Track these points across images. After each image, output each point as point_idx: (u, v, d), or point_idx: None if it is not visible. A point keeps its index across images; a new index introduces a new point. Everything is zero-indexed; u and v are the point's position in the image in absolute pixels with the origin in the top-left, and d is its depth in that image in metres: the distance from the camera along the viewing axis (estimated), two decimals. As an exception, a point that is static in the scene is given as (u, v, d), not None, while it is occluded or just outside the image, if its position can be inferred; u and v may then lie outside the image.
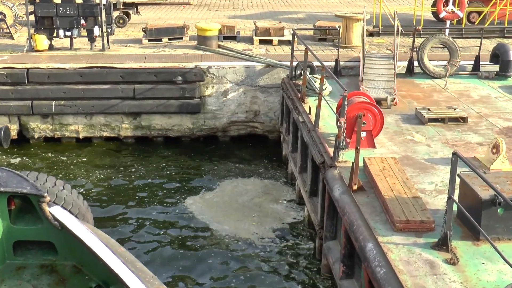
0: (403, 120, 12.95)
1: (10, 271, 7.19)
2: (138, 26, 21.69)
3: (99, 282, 6.96)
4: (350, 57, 17.31)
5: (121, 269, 6.34)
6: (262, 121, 16.92)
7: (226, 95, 16.53)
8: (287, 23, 22.70)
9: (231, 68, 16.40)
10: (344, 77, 16.20)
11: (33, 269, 7.27)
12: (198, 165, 15.93)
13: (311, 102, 14.02)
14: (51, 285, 7.02)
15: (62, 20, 17.28)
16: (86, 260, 7.08)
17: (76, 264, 7.32)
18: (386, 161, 10.33)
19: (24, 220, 7.33)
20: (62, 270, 7.25)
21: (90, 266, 7.12)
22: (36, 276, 7.14)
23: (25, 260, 7.38)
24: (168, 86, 16.24)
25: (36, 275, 7.15)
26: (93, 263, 6.76)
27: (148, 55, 17.26)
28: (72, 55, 17.14)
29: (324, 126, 12.49)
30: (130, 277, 6.24)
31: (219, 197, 13.98)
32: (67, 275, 7.17)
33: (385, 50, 18.39)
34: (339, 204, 9.57)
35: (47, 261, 7.38)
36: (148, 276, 6.58)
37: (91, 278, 7.10)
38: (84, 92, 16.05)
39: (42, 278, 7.10)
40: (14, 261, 7.32)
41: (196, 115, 16.61)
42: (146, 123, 16.60)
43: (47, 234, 7.24)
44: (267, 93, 16.60)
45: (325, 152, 11.26)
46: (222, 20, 23.06)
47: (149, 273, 6.72)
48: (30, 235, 7.34)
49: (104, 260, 6.46)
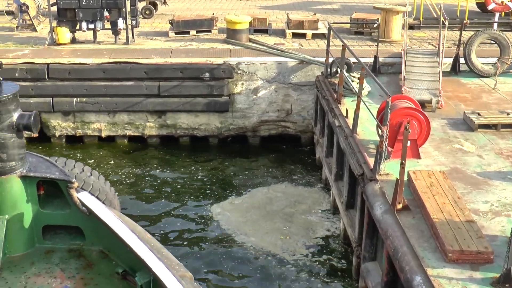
0: (450, 126, 11.81)
1: (39, 255, 7.31)
2: (165, 18, 20.77)
3: (126, 268, 6.99)
4: (390, 52, 16.15)
5: (147, 255, 6.41)
6: (294, 121, 15.89)
7: (257, 93, 15.52)
8: (321, 14, 21.55)
9: (262, 64, 15.37)
10: (383, 75, 15.08)
11: (61, 253, 7.38)
12: (226, 167, 15.00)
13: (348, 103, 12.96)
14: (79, 269, 7.11)
15: (85, 12, 16.42)
16: (113, 245, 7.15)
17: (103, 249, 7.40)
18: (434, 176, 9.24)
19: (53, 205, 7.45)
20: (89, 255, 7.34)
21: (116, 252, 7.18)
22: (64, 260, 7.25)
23: (53, 244, 7.49)
24: (195, 83, 15.29)
25: (64, 259, 7.26)
26: (120, 248, 6.87)
27: (174, 50, 16.32)
28: (94, 49, 16.28)
29: (363, 132, 11.43)
30: (156, 264, 6.29)
31: (247, 204, 13.03)
32: (94, 260, 7.25)
33: (427, 45, 17.17)
34: (381, 225, 8.53)
35: (75, 246, 7.50)
36: (174, 263, 6.72)
37: (118, 263, 7.16)
38: (106, 89, 15.18)
39: (70, 262, 7.21)
40: (43, 245, 7.43)
41: (224, 114, 15.65)
42: (171, 121, 15.69)
43: (75, 219, 7.36)
44: (300, 91, 15.55)
45: (364, 162, 10.21)
46: (253, 11, 22.06)
47: (175, 260, 6.85)
48: (59, 220, 7.45)
49: (131, 246, 6.53)
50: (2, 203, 7.02)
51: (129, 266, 6.95)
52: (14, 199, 7.08)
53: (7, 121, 6.73)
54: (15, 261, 7.19)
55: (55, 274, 7.01)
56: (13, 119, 6.78)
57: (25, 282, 6.83)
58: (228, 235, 11.79)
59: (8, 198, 7.04)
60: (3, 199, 7.01)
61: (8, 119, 6.75)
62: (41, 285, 6.82)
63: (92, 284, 6.91)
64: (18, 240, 7.28)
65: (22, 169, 7.04)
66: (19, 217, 7.17)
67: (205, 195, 13.54)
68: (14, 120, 6.79)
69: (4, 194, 6.99)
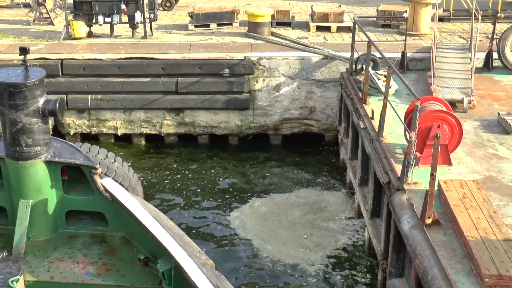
0: (483, 128, 11.03)
1: (63, 239, 7.33)
2: (185, 10, 20.15)
3: (147, 255, 6.98)
4: (418, 46, 15.36)
5: (169, 242, 6.42)
6: (318, 119, 15.20)
7: (279, 90, 14.86)
8: (346, 5, 20.77)
9: (284, 59, 14.69)
10: (411, 71, 14.29)
11: (84, 238, 7.40)
12: (246, 167, 14.40)
13: (374, 103, 12.26)
14: (101, 255, 7.11)
15: (101, 5, 15.87)
16: (135, 232, 7.17)
17: (125, 235, 7.40)
18: (467, 186, 8.53)
19: (77, 191, 7.45)
20: (112, 241, 7.35)
21: (139, 238, 7.19)
22: (87, 245, 7.27)
23: (76, 229, 7.52)
24: (214, 80, 14.66)
25: (87, 245, 7.28)
26: (142, 235, 6.89)
27: (193, 44, 15.70)
28: (111, 44, 15.72)
29: (389, 135, 10.72)
30: (178, 251, 6.29)
31: (267, 208, 12.42)
32: (117, 246, 7.26)
33: (458, 38, 16.34)
34: (409, 241, 7.86)
35: (98, 232, 7.52)
36: (196, 250, 6.70)
37: (140, 250, 7.17)
38: (122, 85, 14.64)
39: (93, 248, 7.22)
40: (67, 230, 7.46)
41: (244, 112, 15.01)
42: (189, 119, 15.10)
43: (98, 205, 7.36)
44: (324, 87, 14.85)
45: (391, 170, 9.52)
46: (276, 3, 21.34)
47: (197, 247, 6.83)
48: (82, 205, 7.46)
49: (153, 233, 6.53)
50: (27, 187, 7.02)
51: (151, 253, 6.94)
52: (38, 184, 7.07)
53: (33, 106, 6.70)
54: (39, 245, 7.22)
55: (78, 259, 7.02)
56: (39, 105, 6.75)
57: (48, 267, 6.83)
58: (245, 243, 11.18)
59: (33, 182, 7.03)
60: (28, 183, 7.01)
61: (34, 104, 6.71)
62: (64, 269, 6.82)
63: (114, 270, 6.89)
64: (42, 224, 7.30)
65: (47, 154, 7.03)
66: (43, 202, 7.17)
67: (223, 198, 12.96)
68: (40, 105, 6.76)
69: (29, 178, 6.99)
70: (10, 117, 6.74)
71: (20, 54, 7.13)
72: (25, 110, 6.72)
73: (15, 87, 6.61)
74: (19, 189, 7.10)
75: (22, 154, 6.91)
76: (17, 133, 6.80)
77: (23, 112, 6.72)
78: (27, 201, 7.06)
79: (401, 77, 9.72)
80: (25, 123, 6.75)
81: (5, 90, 6.63)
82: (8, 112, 6.73)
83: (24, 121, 6.75)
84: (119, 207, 7.12)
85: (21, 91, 6.62)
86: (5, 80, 6.66)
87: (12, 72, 6.88)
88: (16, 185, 7.12)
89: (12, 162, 7.00)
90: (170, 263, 6.46)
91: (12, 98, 6.65)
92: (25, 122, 6.74)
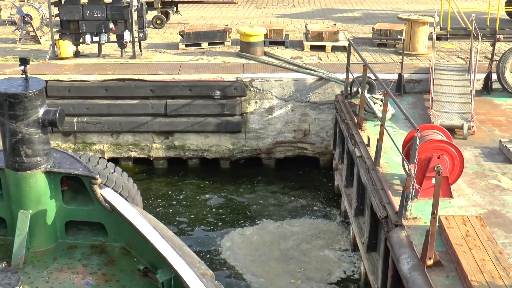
0: (484, 156, 10.55)
1: (62, 250, 7.32)
2: (177, 27, 19.71)
3: (147, 265, 6.97)
4: (416, 67, 14.91)
5: (169, 252, 6.42)
6: (312, 142, 14.70)
7: (271, 112, 14.37)
8: (341, 23, 20.37)
9: (278, 81, 14.21)
10: (408, 94, 13.84)
11: (83, 249, 7.38)
12: (237, 192, 13.89)
13: (370, 128, 11.79)
14: (101, 265, 7.10)
15: (89, 24, 15.37)
16: (135, 242, 7.16)
17: (125, 246, 7.37)
18: (470, 223, 8.04)
19: (76, 201, 7.45)
20: (112, 251, 7.32)
21: (138, 248, 7.17)
22: (87, 256, 7.25)
23: (76, 240, 7.51)
24: (204, 102, 14.17)
25: (86, 255, 7.26)
26: (142, 245, 6.88)
27: (183, 64, 15.21)
28: (98, 64, 15.22)
29: (387, 164, 10.23)
30: (178, 261, 6.30)
31: (259, 237, 11.90)
32: (116, 256, 7.23)
33: (456, 58, 15.90)
34: (409, 284, 7.34)
35: (97, 242, 7.49)
36: (195, 260, 6.70)
37: (139, 260, 7.15)
38: (109, 107, 14.13)
39: (92, 258, 7.21)
40: (66, 240, 7.44)
41: (236, 135, 14.52)
42: (179, 143, 14.60)
43: (97, 215, 7.35)
44: (319, 110, 14.37)
45: (388, 203, 9.02)
46: (269, 20, 20.94)
47: (196, 257, 6.81)
48: (82, 216, 7.45)
49: (153, 243, 6.54)
50: (27, 198, 7.03)
51: (151, 263, 6.92)
52: (38, 194, 7.07)
53: (33, 117, 6.70)
54: (38, 256, 7.20)
55: (77, 269, 7.01)
56: (38, 115, 6.75)
57: (47, 277, 6.81)
58: (236, 275, 10.66)
59: (33, 193, 7.03)
60: (28, 194, 7.01)
61: (34, 115, 6.71)
62: (63, 280, 6.80)
63: (113, 280, 6.86)
64: (41, 235, 7.27)
65: (47, 165, 7.02)
66: (43, 212, 7.16)
67: (214, 224, 12.46)
68: (40, 115, 6.76)
69: (29, 189, 7.00)
70: (10, 127, 6.71)
71: (20, 65, 7.14)
72: (25, 121, 6.70)
73: (15, 97, 6.57)
74: (19, 200, 7.08)
75: (22, 164, 6.89)
76: (17, 144, 6.77)
77: (23, 123, 6.69)
78: (26, 212, 7.04)
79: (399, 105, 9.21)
80: (25, 133, 6.72)
81: (5, 101, 6.59)
82: (8, 123, 6.70)
83: (24, 132, 6.72)
84: (119, 217, 7.11)
85: (21, 102, 6.59)
86: (5, 90, 6.61)
87: (12, 82, 6.85)
88: (16, 195, 7.10)
89: (11, 172, 6.97)
90: (169, 273, 6.45)
91: (12, 108, 6.62)
92: (25, 132, 6.71)
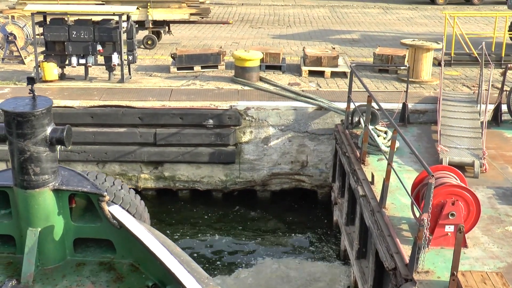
0: (499, 198, 9.74)
1: (71, 267, 7.36)
2: (169, 48, 18.95)
3: (156, 281, 7.01)
4: (420, 96, 14.14)
5: (178, 268, 6.48)
6: (310, 174, 13.87)
7: (267, 142, 13.55)
8: (340, 45, 19.64)
9: (274, 109, 13.40)
10: (413, 125, 13.05)
11: (92, 266, 7.41)
12: (230, 227, 13.07)
13: (374, 163, 11.00)
14: (109, 282, 7.12)
15: (75, 45, 14.55)
16: (143, 258, 7.19)
17: (133, 262, 7.40)
18: (490, 280, 7.23)
19: (84, 218, 7.49)
20: (120, 268, 7.36)
21: (147, 265, 7.21)
22: (95, 273, 7.29)
23: (84, 257, 7.53)
24: (196, 131, 13.34)
25: (95, 272, 7.30)
26: (150, 262, 6.94)
27: (174, 90, 14.39)
28: (84, 88, 14.38)
29: (393, 205, 9.42)
30: (186, 277, 6.36)
31: (254, 281, 11.07)
32: (125, 273, 7.27)
33: (461, 86, 15.14)
34: None
35: (106, 259, 7.51)
36: (203, 276, 6.70)
37: (148, 276, 7.19)
38: (95, 136, 13.28)
39: (101, 275, 7.24)
40: (74, 258, 7.49)
41: (230, 166, 13.70)
42: (169, 173, 13.75)
43: (106, 233, 7.39)
44: (318, 140, 13.56)
45: (397, 252, 8.19)
46: (265, 41, 20.19)
47: (204, 273, 6.83)
48: (90, 233, 7.49)
49: (161, 259, 6.60)
50: (35, 216, 7.07)
51: (159, 280, 6.96)
52: (46, 212, 7.11)
53: (40, 135, 6.75)
54: (47, 273, 7.24)
55: (86, 287, 7.04)
56: (46, 133, 6.80)
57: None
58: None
59: (41, 211, 7.08)
60: (36, 212, 7.06)
61: (42, 133, 6.76)
62: None
63: None
64: (50, 252, 7.32)
65: (55, 183, 7.07)
66: (51, 229, 7.22)
67: (205, 264, 11.56)
68: (48, 134, 6.81)
69: (37, 207, 7.04)
70: (18, 146, 6.76)
71: (28, 84, 7.13)
72: (33, 139, 6.74)
73: (23, 116, 6.64)
74: (27, 218, 7.12)
75: (30, 182, 6.92)
76: (25, 162, 6.79)
77: (31, 141, 6.74)
78: (35, 230, 7.09)
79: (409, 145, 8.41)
80: (33, 151, 6.75)
81: (13, 120, 6.65)
82: (16, 141, 6.76)
83: (32, 150, 6.75)
84: (127, 234, 7.13)
85: (29, 120, 6.65)
86: (13, 109, 6.66)
87: (20, 101, 6.90)
88: (24, 213, 7.13)
89: (20, 190, 7.01)
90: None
91: (20, 127, 6.70)
92: (33, 151, 6.75)
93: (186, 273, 6.44)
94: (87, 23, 14.61)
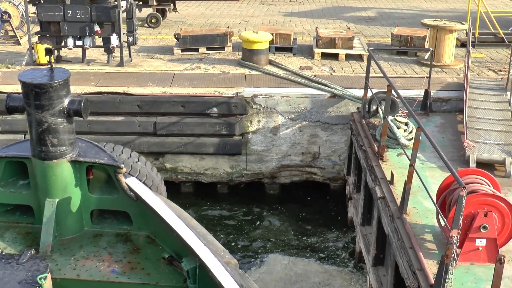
0: (534, 203, 8.70)
1: (88, 238, 7.46)
2: (174, 26, 17.93)
3: (172, 253, 7.06)
4: (442, 82, 13.04)
5: (194, 241, 6.48)
6: (322, 166, 12.87)
7: (276, 132, 12.54)
8: (355, 24, 18.51)
9: (284, 97, 12.37)
10: (435, 113, 11.99)
11: (109, 237, 7.50)
12: (236, 222, 12.17)
13: (393, 159, 10.02)
14: (126, 253, 7.20)
15: (71, 26, 13.54)
16: (160, 231, 7.26)
17: (149, 234, 7.46)
18: (529, 308, 6.24)
19: (101, 190, 7.55)
20: (136, 240, 7.42)
21: (163, 237, 7.26)
22: (112, 244, 7.36)
23: (101, 228, 7.61)
24: (200, 120, 12.36)
25: (111, 243, 7.37)
26: (166, 234, 7.00)
27: (177, 74, 13.38)
28: (80, 73, 13.38)
29: (415, 210, 8.45)
30: (202, 249, 6.36)
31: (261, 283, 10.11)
32: (141, 245, 7.34)
33: (487, 71, 14.00)
34: None
35: (122, 230, 7.59)
36: (219, 249, 6.75)
37: (164, 248, 7.22)
38: (90, 125, 12.32)
39: (118, 246, 7.32)
40: (92, 229, 7.57)
41: (236, 157, 12.72)
42: (171, 165, 12.81)
43: (122, 204, 7.46)
44: (331, 130, 12.53)
45: (420, 269, 7.23)
46: (276, 19, 19.07)
47: (220, 246, 6.86)
48: (107, 205, 7.56)
49: (177, 232, 6.64)
50: (53, 187, 7.13)
51: (175, 252, 6.99)
52: (64, 183, 7.16)
53: (58, 107, 6.73)
54: (65, 243, 7.35)
55: (103, 257, 7.12)
56: (64, 105, 6.77)
57: (74, 265, 7.01)
58: None
59: (59, 182, 7.13)
60: (54, 183, 7.11)
61: (59, 105, 6.74)
62: (90, 267, 6.96)
63: (138, 268, 6.95)
64: (67, 223, 7.41)
65: (72, 154, 7.09)
66: (69, 200, 7.31)
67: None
68: (65, 105, 6.79)
69: (55, 178, 7.09)
70: (36, 117, 6.74)
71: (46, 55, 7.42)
72: (50, 110, 6.71)
73: (41, 87, 6.60)
74: (45, 189, 7.15)
75: (48, 154, 6.94)
76: (43, 133, 6.80)
77: (48, 112, 6.71)
78: (53, 200, 7.16)
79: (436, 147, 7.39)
80: (51, 123, 6.74)
81: (31, 91, 6.62)
82: (34, 113, 6.73)
83: (49, 121, 6.73)
84: (143, 206, 7.16)
85: (47, 92, 6.62)
86: (31, 80, 6.64)
87: (38, 73, 6.86)
88: (42, 184, 7.16)
89: (38, 161, 7.01)
90: (194, 262, 6.47)
91: (38, 98, 6.65)
92: (51, 122, 6.73)
93: (202, 246, 6.40)
94: (84, 2, 13.56)
